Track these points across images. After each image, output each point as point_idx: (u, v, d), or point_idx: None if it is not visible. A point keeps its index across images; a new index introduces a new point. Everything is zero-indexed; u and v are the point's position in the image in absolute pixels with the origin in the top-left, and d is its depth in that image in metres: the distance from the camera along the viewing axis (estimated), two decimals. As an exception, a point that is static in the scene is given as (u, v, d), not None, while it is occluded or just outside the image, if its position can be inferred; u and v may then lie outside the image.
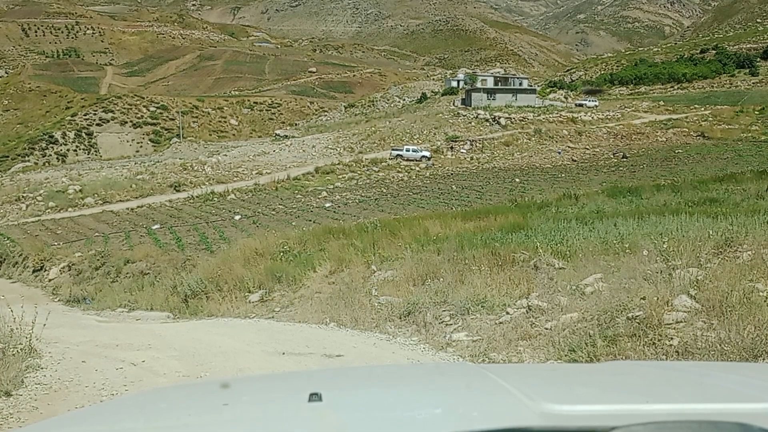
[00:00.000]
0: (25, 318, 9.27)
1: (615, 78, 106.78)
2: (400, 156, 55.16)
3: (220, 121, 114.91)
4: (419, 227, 18.53)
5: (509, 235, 15.65)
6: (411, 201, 35.66)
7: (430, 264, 12.74)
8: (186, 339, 9.17)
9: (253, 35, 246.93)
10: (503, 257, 12.30)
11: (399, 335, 8.45)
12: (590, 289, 8.42)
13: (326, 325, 9.65)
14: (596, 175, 43.11)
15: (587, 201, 24.35)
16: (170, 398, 1.82)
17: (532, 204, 24.21)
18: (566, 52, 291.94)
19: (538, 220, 18.61)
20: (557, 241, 13.63)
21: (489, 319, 8.21)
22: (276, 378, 2.33)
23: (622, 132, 66.75)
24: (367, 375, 2.14)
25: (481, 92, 73.63)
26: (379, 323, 9.09)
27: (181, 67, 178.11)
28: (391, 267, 13.52)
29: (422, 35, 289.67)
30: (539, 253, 12.31)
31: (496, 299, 8.91)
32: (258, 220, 32.57)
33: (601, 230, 14.79)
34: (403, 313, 9.07)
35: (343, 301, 11.07)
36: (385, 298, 10.41)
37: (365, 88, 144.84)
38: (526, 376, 1.89)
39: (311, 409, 1.36)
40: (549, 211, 21.78)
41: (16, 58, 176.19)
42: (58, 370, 6.89)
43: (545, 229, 16.30)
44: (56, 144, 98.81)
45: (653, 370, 2.07)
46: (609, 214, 17.88)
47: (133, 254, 23.24)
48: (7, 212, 41.75)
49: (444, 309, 8.84)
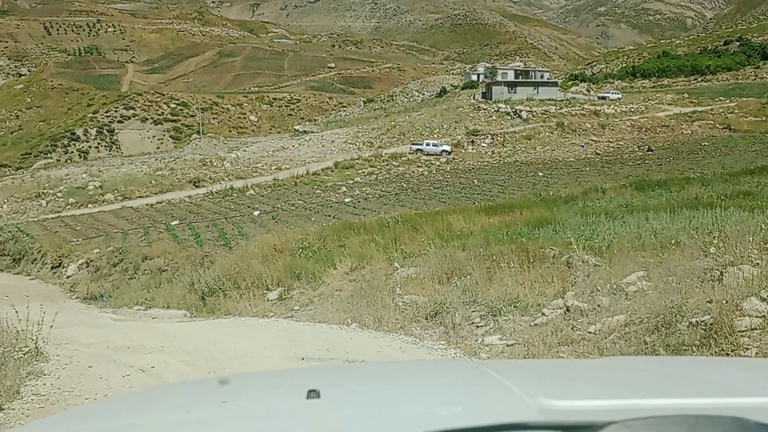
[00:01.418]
0: (39, 317, 8.90)
1: (637, 71, 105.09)
2: (420, 150, 54.47)
3: (240, 118, 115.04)
4: (442, 222, 17.97)
5: (536, 230, 15.07)
6: (432, 196, 35.02)
7: (455, 261, 12.19)
8: (200, 341, 8.70)
9: (272, 31, 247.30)
10: (532, 253, 11.71)
11: (426, 338, 7.88)
12: (633, 288, 7.79)
13: (348, 326, 9.11)
14: (621, 168, 42.10)
15: (615, 195, 23.59)
16: (169, 395, 1.82)
17: (557, 198, 23.48)
18: (587, 45, 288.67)
19: (566, 214, 17.98)
20: (587, 236, 13.02)
21: (523, 321, 7.62)
22: (275, 375, 2.33)
23: (647, 125, 65.57)
24: (366, 371, 2.14)
25: (501, 85, 72.63)
26: (404, 324, 8.54)
27: (201, 63, 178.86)
28: (413, 264, 12.99)
29: (441, 30, 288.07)
30: (572, 249, 11.70)
31: (530, 299, 8.31)
32: (277, 215, 32.17)
33: (633, 225, 14.16)
34: (430, 313, 8.51)
35: (365, 300, 10.54)
36: (409, 297, 9.86)
37: (384, 83, 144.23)
38: (523, 372, 1.88)
39: (310, 405, 1.36)
40: (576, 205, 21.07)
41: (39, 57, 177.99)
42: (61, 377, 6.43)
43: (573, 224, 15.69)
44: (78, 141, 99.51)
45: (650, 365, 2.08)
46: (639, 208, 17.22)
47: (151, 251, 22.94)
48: (28, 209, 41.82)
49: (473, 309, 8.27)
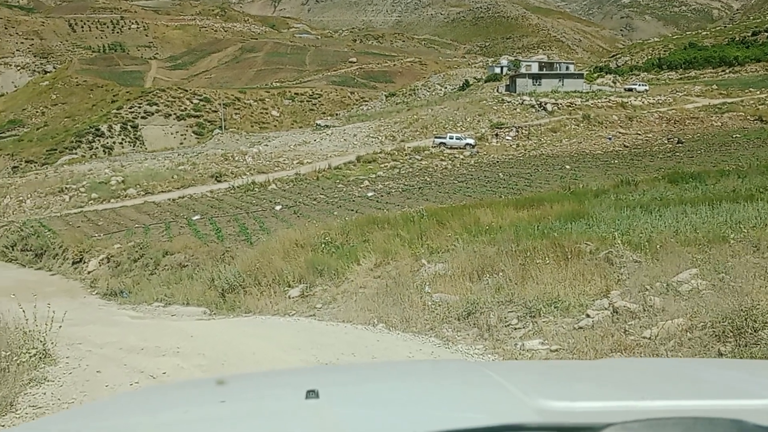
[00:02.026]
0: (55, 315, 8.50)
1: (663, 62, 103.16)
2: (443, 144, 53.67)
3: (262, 113, 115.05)
4: (469, 216, 17.31)
5: (568, 225, 14.41)
6: (456, 189, 34.29)
7: (485, 257, 11.58)
8: (217, 342, 8.20)
9: (294, 27, 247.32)
10: (567, 249, 11.05)
11: (459, 341, 7.28)
12: (686, 287, 7.11)
13: (374, 327, 8.54)
14: (652, 161, 40.95)
15: (647, 188, 22.74)
16: (168, 395, 1.81)
17: (588, 191, 22.66)
18: (611, 37, 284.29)
19: (598, 208, 17.27)
20: (623, 230, 12.35)
21: (566, 323, 6.98)
22: (274, 375, 2.30)
23: (675, 117, 64.19)
24: (364, 372, 2.12)
25: (526, 78, 71.45)
26: (434, 325, 7.94)
27: (223, 59, 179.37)
28: (441, 259, 12.38)
29: (463, 23, 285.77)
30: (610, 244, 11.02)
31: (571, 298, 7.67)
32: (299, 210, 31.71)
33: (671, 219, 13.46)
34: (462, 313, 7.90)
35: (392, 298, 9.96)
36: (438, 296, 9.26)
37: (406, 77, 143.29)
38: (522, 373, 1.87)
39: (308, 405, 1.36)
40: (608, 198, 20.28)
41: (64, 54, 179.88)
42: (65, 384, 5.96)
43: (607, 218, 15.00)
44: (102, 137, 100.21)
45: (649, 367, 2.07)
46: (675, 201, 16.45)
47: (171, 246, 22.58)
48: (51, 204, 41.88)
49: (510, 309, 7.64)
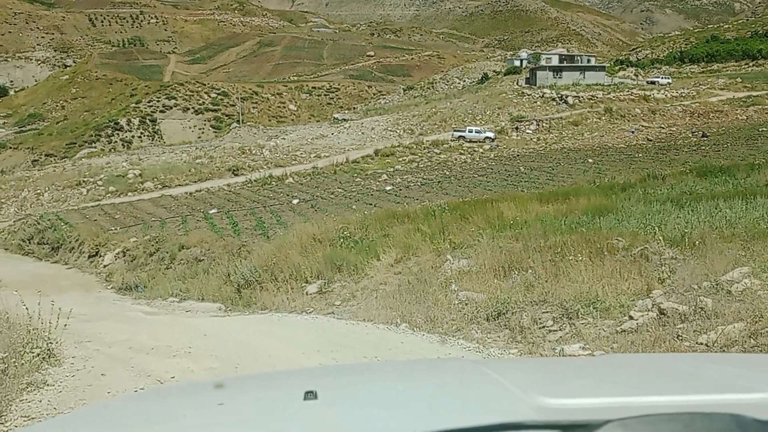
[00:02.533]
0: (64, 310, 8.12)
1: (685, 56, 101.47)
2: (462, 137, 52.94)
3: (279, 107, 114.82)
4: (492, 210, 16.73)
5: (597, 219, 13.82)
6: (477, 183, 33.65)
7: (511, 252, 11.02)
8: (231, 342, 7.74)
9: (312, 21, 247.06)
10: (599, 245, 10.47)
11: (490, 343, 6.74)
12: (739, 287, 6.52)
13: (397, 326, 8.02)
14: (677, 154, 39.98)
15: (675, 182, 22.00)
16: (166, 398, 1.81)
17: (615, 185, 21.95)
18: (631, 31, 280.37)
19: (626, 202, 16.64)
20: (655, 225, 11.76)
21: (606, 326, 6.41)
22: (271, 377, 2.23)
23: (699, 110, 62.98)
24: (362, 372, 2.08)
25: (546, 70, 70.35)
26: (461, 326, 7.41)
27: (241, 53, 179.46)
28: (464, 255, 11.84)
29: (481, 17, 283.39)
30: (645, 240, 10.43)
31: (610, 298, 7.10)
32: (316, 204, 31.29)
33: (704, 213, 12.83)
34: (492, 313, 7.35)
35: (414, 296, 9.45)
36: (464, 294, 8.73)
37: (424, 71, 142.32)
38: (520, 371, 1.86)
39: (306, 407, 1.36)
40: (635, 192, 19.61)
41: (84, 48, 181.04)
42: (64, 389, 5.53)
43: (637, 213, 14.39)
44: (121, 131, 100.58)
45: (647, 363, 2.04)
46: (705, 196, 15.77)
47: (187, 240, 22.25)
48: (68, 197, 41.86)
49: (544, 310, 7.09)
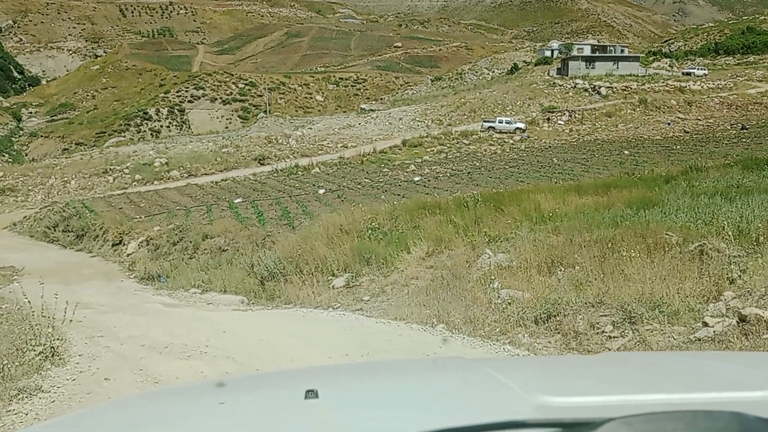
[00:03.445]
0: (84, 300, 7.55)
1: (720, 47, 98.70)
2: (492, 128, 51.86)
3: (306, 97, 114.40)
4: (528, 202, 15.87)
5: (641, 213, 12.93)
6: (508, 175, 32.66)
7: (553, 247, 10.21)
8: (251, 341, 7.07)
9: (339, 12, 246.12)
10: (650, 240, 9.61)
11: (540, 350, 5.96)
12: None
13: (433, 327, 7.27)
14: (716, 147, 38.52)
15: (719, 174, 20.87)
16: (168, 397, 1.80)
17: (657, 177, 20.90)
18: (663, 22, 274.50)
19: (671, 195, 15.67)
20: (705, 220, 10.86)
21: (676, 333, 5.59)
22: (272, 376, 2.21)
23: (737, 102, 61.17)
24: (363, 371, 2.05)
25: (579, 60, 68.69)
26: (505, 328, 6.64)
27: (269, 44, 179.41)
28: (501, 249, 11.04)
29: (510, 8, 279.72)
30: (701, 235, 9.54)
31: (676, 301, 6.26)
32: (343, 194, 30.62)
33: (758, 208, 11.90)
34: (541, 315, 6.56)
35: (450, 293, 8.69)
36: (506, 292, 7.95)
37: (452, 62, 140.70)
38: (522, 370, 1.85)
39: (307, 405, 1.35)
40: (679, 185, 18.57)
41: (114, 38, 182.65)
42: (58, 399, 4.89)
43: (684, 206, 13.46)
44: (150, 120, 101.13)
45: (648, 361, 2.03)
46: (756, 189, 14.77)
47: (211, 229, 21.75)
48: (95, 185, 41.82)
49: (601, 312, 6.28)
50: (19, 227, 34.01)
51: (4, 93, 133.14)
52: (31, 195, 42.85)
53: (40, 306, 7.20)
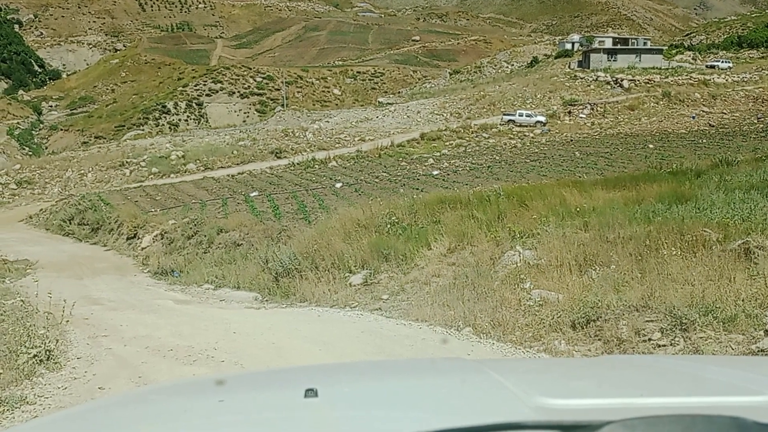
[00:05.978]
0: (94, 295, 7.09)
1: (744, 40, 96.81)
2: (512, 121, 51.03)
3: (324, 91, 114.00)
4: (553, 197, 15.23)
5: (673, 208, 12.26)
6: (530, 169, 31.92)
7: (583, 244, 9.61)
8: (262, 344, 6.56)
9: (357, 6, 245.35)
10: (689, 237, 8.99)
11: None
12: None
13: (458, 331, 6.70)
14: (744, 141, 37.46)
15: (751, 168, 20.04)
16: (166, 395, 1.78)
17: (687, 171, 20.13)
18: (684, 16, 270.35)
19: (704, 189, 14.95)
20: (743, 216, 10.20)
21: (734, 342, 4.98)
22: (272, 374, 2.15)
23: (763, 95, 59.74)
24: (363, 370, 2.03)
25: (600, 53, 67.48)
26: (539, 333, 6.05)
27: (286, 38, 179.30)
28: (526, 245, 10.46)
29: (529, 1, 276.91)
30: (743, 232, 8.93)
31: (730, 305, 5.65)
32: (360, 188, 30.09)
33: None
34: (579, 320, 5.96)
35: (475, 293, 8.11)
36: (537, 293, 7.36)
37: (470, 56, 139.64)
38: (521, 371, 1.85)
39: (307, 404, 1.35)
40: (710, 179, 17.80)
41: (134, 32, 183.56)
42: (43, 411, 4.39)
43: (718, 201, 12.77)
44: (168, 114, 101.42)
45: (648, 364, 2.02)
46: (792, 184, 14.04)
47: (226, 223, 21.33)
48: (111, 177, 41.69)
49: (647, 317, 5.67)
50: (35, 220, 33.97)
51: (25, 87, 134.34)
52: (47, 188, 42.81)
53: (47, 303, 6.76)
